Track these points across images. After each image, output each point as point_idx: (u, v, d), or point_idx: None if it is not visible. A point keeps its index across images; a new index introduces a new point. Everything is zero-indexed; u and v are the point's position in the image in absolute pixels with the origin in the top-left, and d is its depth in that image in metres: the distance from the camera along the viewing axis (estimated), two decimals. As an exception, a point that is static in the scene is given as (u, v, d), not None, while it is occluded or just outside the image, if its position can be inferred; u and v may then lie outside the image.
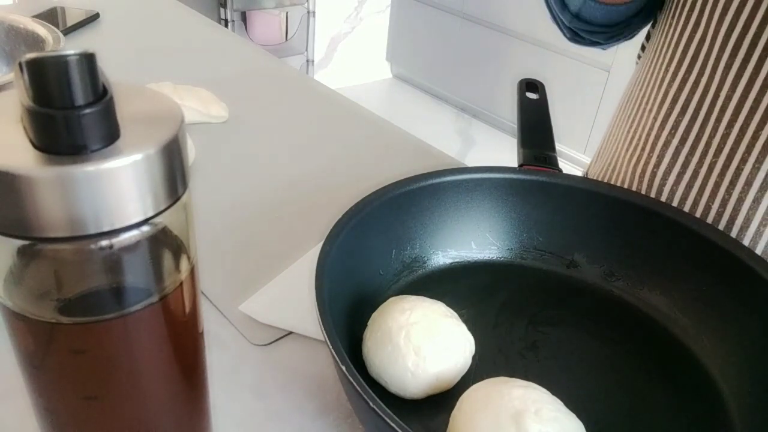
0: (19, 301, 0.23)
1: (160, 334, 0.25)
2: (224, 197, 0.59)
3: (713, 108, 0.52)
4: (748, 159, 0.50)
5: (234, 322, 0.45)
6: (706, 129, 0.53)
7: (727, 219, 0.52)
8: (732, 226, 0.52)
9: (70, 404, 0.26)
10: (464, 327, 0.41)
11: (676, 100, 0.55)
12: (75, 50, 0.19)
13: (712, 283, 0.44)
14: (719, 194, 0.52)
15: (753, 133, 0.49)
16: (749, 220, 0.51)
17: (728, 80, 0.51)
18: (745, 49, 0.49)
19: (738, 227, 0.52)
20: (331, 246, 0.40)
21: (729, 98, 0.51)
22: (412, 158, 0.70)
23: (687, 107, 0.54)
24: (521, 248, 0.51)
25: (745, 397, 0.40)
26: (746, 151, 0.50)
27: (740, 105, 0.50)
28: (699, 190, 0.54)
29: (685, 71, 0.54)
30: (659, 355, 0.44)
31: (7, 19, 0.67)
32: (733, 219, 0.52)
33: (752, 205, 0.51)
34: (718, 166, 0.52)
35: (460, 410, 0.35)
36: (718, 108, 0.51)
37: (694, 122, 0.53)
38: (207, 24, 1.07)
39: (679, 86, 0.54)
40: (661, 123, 0.56)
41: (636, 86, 0.63)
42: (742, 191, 0.51)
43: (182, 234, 0.25)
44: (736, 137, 0.50)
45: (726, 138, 0.51)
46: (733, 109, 0.50)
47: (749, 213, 0.51)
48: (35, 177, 0.19)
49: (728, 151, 0.51)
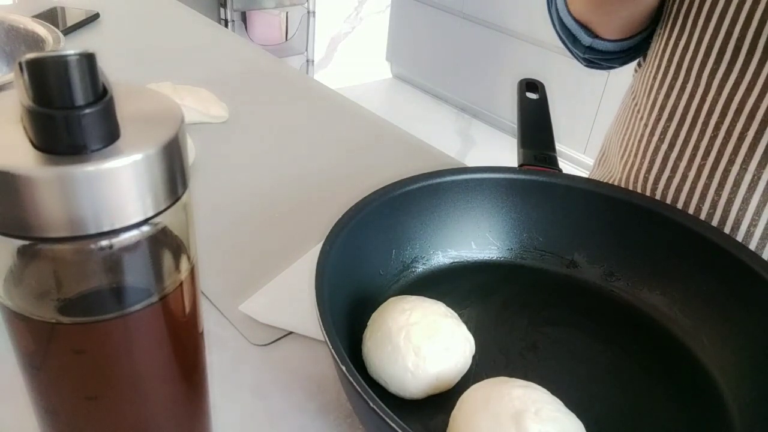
0: (19, 301, 0.23)
1: (160, 334, 0.25)
2: (224, 197, 0.59)
3: (700, 111, 0.53)
4: (735, 160, 0.51)
5: (234, 322, 0.45)
6: (693, 133, 0.53)
7: (717, 220, 0.53)
8: (723, 227, 0.52)
9: (70, 404, 0.26)
10: (464, 327, 0.41)
11: (663, 107, 0.56)
12: (75, 50, 0.19)
13: (712, 283, 0.44)
14: (708, 196, 0.53)
15: (739, 134, 0.50)
16: (739, 221, 0.52)
17: (714, 84, 0.51)
18: (729, 53, 0.50)
19: (729, 228, 0.52)
20: (331, 246, 0.40)
21: (715, 101, 0.51)
22: (412, 158, 0.70)
23: (674, 113, 0.55)
24: (521, 248, 0.51)
25: (745, 397, 0.40)
26: (733, 153, 0.51)
27: (726, 107, 0.50)
28: (689, 193, 0.54)
29: (672, 78, 0.55)
30: (659, 355, 0.44)
31: (7, 19, 0.67)
32: (724, 220, 0.52)
33: (741, 206, 0.51)
34: (707, 169, 0.53)
35: (460, 410, 0.35)
36: (704, 111, 0.52)
37: (682, 127, 0.54)
38: (207, 24, 1.07)
39: (667, 93, 0.55)
40: (650, 130, 0.57)
41: (629, 96, 0.64)
42: (731, 192, 0.51)
43: (182, 234, 0.25)
44: (723, 139, 0.51)
45: (713, 141, 0.52)
46: (719, 112, 0.51)
47: (739, 214, 0.51)
48: (35, 177, 0.19)
49: (715, 153, 0.52)
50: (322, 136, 0.72)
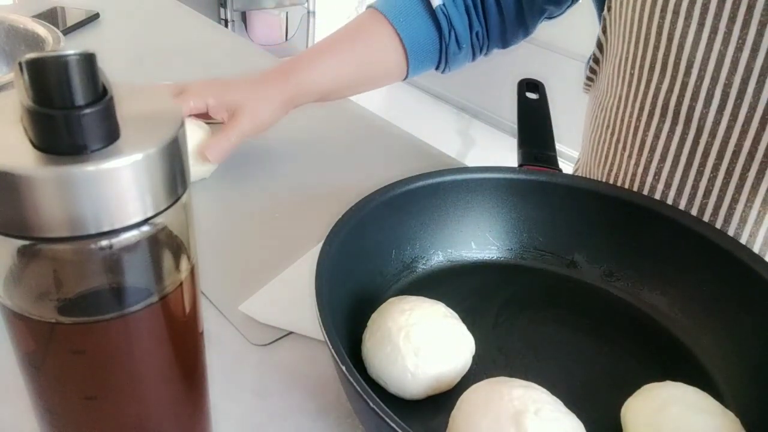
0: (19, 301, 0.23)
1: (160, 334, 0.25)
2: (224, 197, 0.59)
3: (694, 154, 0.51)
4: (739, 199, 0.50)
5: (234, 322, 0.45)
6: (690, 173, 0.52)
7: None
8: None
9: (70, 404, 0.26)
10: (464, 327, 0.41)
11: (654, 148, 0.54)
12: (75, 50, 0.19)
13: (712, 283, 0.44)
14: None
15: (740, 175, 0.49)
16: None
17: (706, 128, 0.50)
18: (718, 98, 0.48)
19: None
20: (331, 246, 0.40)
21: (710, 144, 0.50)
22: (412, 158, 0.70)
23: (666, 155, 0.53)
24: (521, 248, 0.51)
25: (745, 397, 0.40)
26: (736, 192, 0.50)
27: (722, 150, 0.49)
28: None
29: (659, 120, 0.53)
30: (659, 355, 0.44)
31: (7, 19, 0.67)
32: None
33: (749, 241, 0.51)
34: (710, 207, 0.52)
35: (460, 410, 0.35)
36: (699, 154, 0.51)
37: (677, 168, 0.53)
38: (207, 24, 1.07)
39: (655, 134, 0.53)
40: (643, 169, 0.55)
41: (602, 127, 0.60)
42: (738, 227, 0.51)
43: (182, 234, 0.25)
44: (723, 180, 0.50)
45: (713, 181, 0.51)
46: (716, 155, 0.50)
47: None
48: (35, 177, 0.19)
49: (717, 192, 0.51)
50: (322, 136, 0.72)
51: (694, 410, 0.35)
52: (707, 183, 0.51)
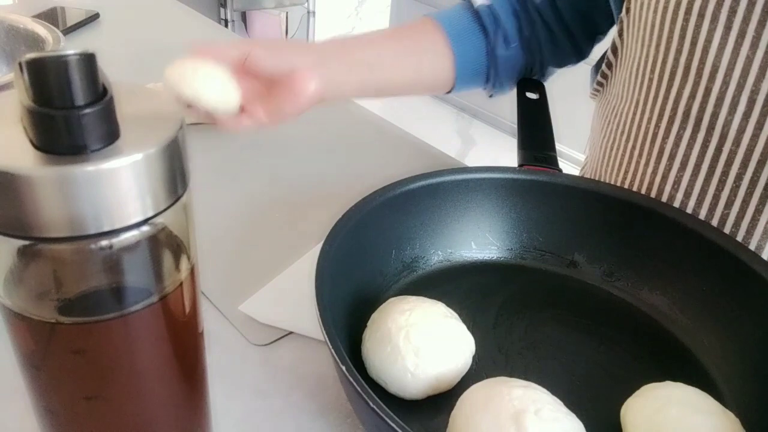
0: (19, 301, 0.23)
1: (160, 334, 0.25)
2: (224, 197, 0.59)
3: (716, 162, 0.49)
4: (763, 210, 0.48)
5: (234, 322, 0.45)
6: (711, 182, 0.50)
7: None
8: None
9: (70, 404, 0.26)
10: (464, 327, 0.41)
11: (674, 155, 0.52)
12: (75, 50, 0.19)
13: (712, 283, 0.44)
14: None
15: (765, 184, 0.47)
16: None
17: (730, 135, 0.48)
18: (744, 104, 0.46)
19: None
20: (331, 246, 0.40)
21: (733, 153, 0.48)
22: (412, 158, 0.70)
23: (687, 163, 0.51)
24: (521, 248, 0.51)
25: (745, 397, 0.40)
26: (760, 203, 0.48)
27: (747, 158, 0.48)
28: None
29: (679, 127, 0.51)
30: (659, 355, 0.44)
31: (7, 19, 0.67)
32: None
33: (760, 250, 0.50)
34: (732, 217, 0.50)
35: (460, 410, 0.35)
36: (722, 162, 0.49)
37: (697, 177, 0.51)
38: (207, 24, 1.07)
39: (675, 142, 0.52)
40: (661, 177, 0.53)
41: (617, 132, 0.59)
42: (762, 239, 0.50)
43: (182, 234, 0.25)
44: (747, 190, 0.48)
45: (736, 191, 0.49)
46: (740, 163, 0.48)
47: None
48: (35, 177, 0.19)
49: (740, 203, 0.49)
50: (322, 136, 0.72)
51: (694, 410, 0.35)
52: (729, 193, 0.49)
